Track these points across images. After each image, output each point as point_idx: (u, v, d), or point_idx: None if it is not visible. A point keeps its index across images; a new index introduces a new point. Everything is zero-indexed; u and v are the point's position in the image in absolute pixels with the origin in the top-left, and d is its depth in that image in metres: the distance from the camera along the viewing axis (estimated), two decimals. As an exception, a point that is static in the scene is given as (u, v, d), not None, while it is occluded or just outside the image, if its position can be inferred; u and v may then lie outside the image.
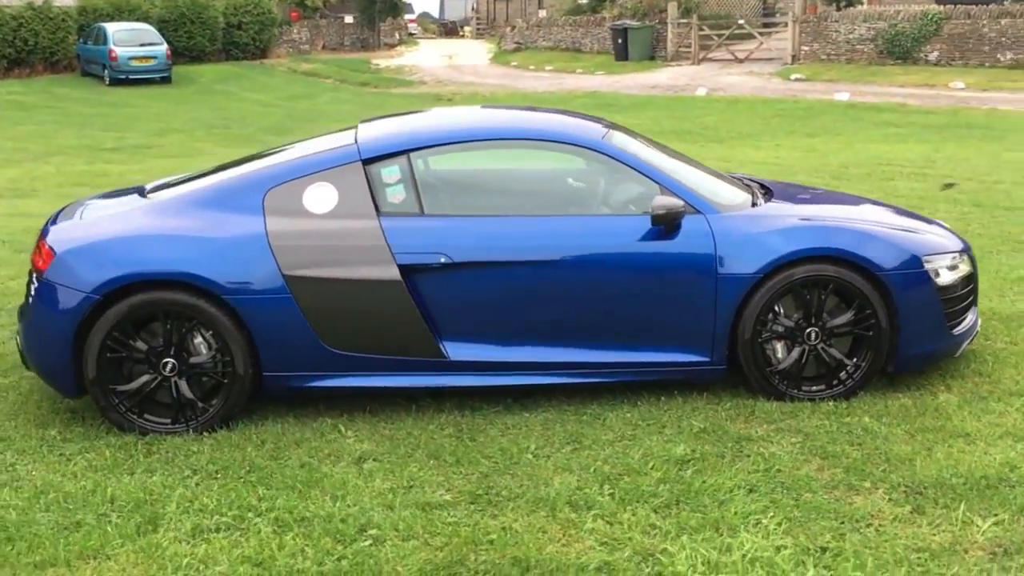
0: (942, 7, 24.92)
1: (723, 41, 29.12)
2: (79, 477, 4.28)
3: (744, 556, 3.51)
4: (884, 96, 21.10)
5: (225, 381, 4.70)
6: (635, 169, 4.94)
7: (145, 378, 4.70)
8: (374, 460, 4.39)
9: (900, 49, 25.10)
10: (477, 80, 30.02)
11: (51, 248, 4.73)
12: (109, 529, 3.82)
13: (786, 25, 28.08)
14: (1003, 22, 23.56)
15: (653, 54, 30.73)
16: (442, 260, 4.71)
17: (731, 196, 5.10)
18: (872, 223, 5.07)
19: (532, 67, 32.86)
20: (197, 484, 4.20)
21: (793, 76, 25.35)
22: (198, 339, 4.72)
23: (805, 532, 3.69)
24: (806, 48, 27.21)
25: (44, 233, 4.94)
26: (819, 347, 4.84)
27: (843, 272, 4.77)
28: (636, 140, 5.29)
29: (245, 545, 3.69)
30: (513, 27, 38.45)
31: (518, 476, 4.20)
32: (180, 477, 4.26)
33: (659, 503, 3.91)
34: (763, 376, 4.83)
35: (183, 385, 4.70)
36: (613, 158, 4.96)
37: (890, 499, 3.92)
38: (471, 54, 38.95)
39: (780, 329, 4.84)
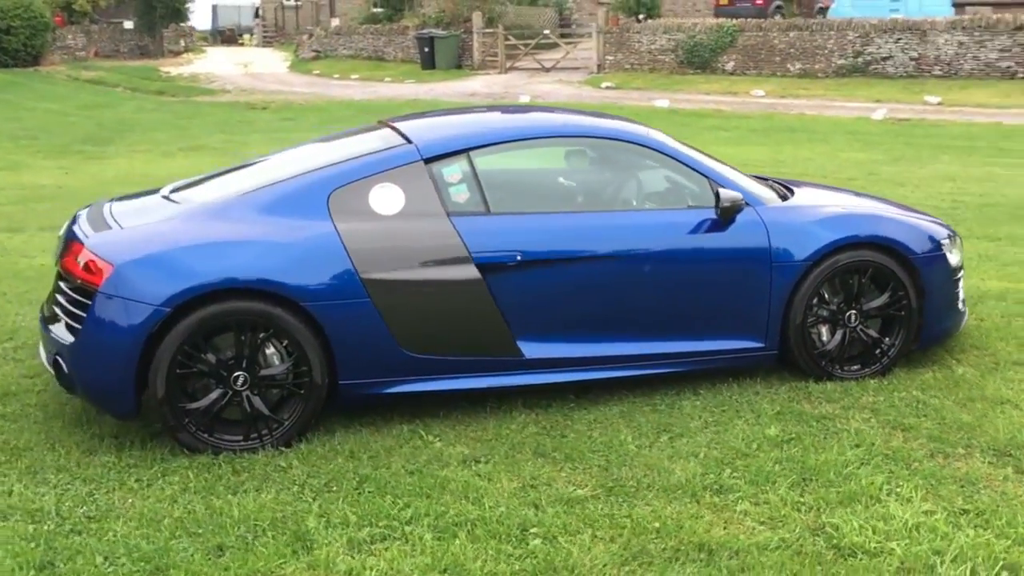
0: (735, 20, 26.56)
1: (529, 51, 29.81)
2: (180, 501, 4.00)
3: (905, 523, 3.74)
4: (698, 103, 22.28)
5: (301, 392, 4.51)
6: (686, 164, 5.11)
7: (216, 394, 4.44)
8: (481, 462, 4.34)
9: (699, 59, 26.55)
10: (284, 88, 29.35)
11: (105, 260, 4.38)
12: (263, 549, 3.62)
13: (591, 36, 29.08)
14: (791, 34, 25.39)
15: (460, 63, 31.07)
16: (518, 258, 4.70)
17: (763, 190, 5.35)
18: (894, 212, 5.46)
19: (337, 76, 32.44)
20: (314, 498, 4.02)
21: (603, 84, 26.30)
22: (270, 350, 4.50)
23: (939, 497, 3.96)
24: (611, 58, 28.29)
25: (79, 244, 4.56)
26: (858, 329, 5.17)
27: (880, 257, 5.12)
28: (670, 137, 5.46)
29: (418, 554, 3.58)
30: (310, 35, 37.80)
31: (636, 467, 4.26)
32: (293, 493, 4.06)
33: (791, 481, 4.08)
34: (812, 359, 5.11)
35: (256, 399, 4.47)
36: (665, 154, 5.11)
37: (988, 463, 4.26)
38: (266, 62, 37.98)
39: (825, 313, 5.13)
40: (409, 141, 4.93)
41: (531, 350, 4.78)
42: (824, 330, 5.16)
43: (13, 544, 3.66)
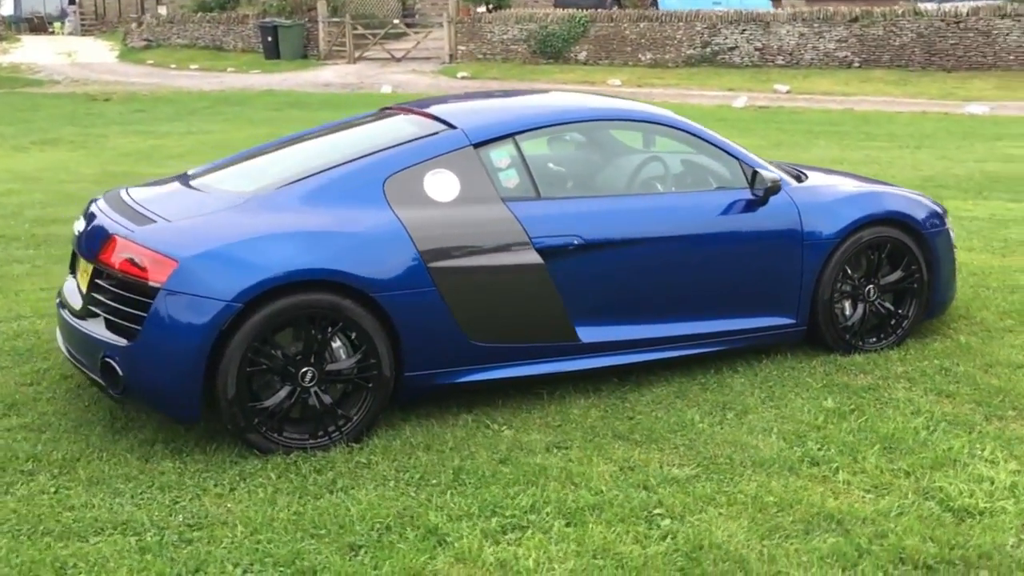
0: (586, 11, 27.03)
1: (378, 40, 29.45)
2: (279, 504, 3.79)
3: (1003, 483, 3.93)
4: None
5: (369, 385, 4.34)
6: (717, 146, 5.19)
7: (285, 391, 4.22)
8: (566, 448, 4.30)
9: (552, 49, 26.89)
10: (121, 79, 27.94)
11: (167, 255, 4.09)
12: (400, 546, 3.49)
13: (441, 26, 28.97)
14: (642, 25, 26.06)
15: (305, 53, 30.38)
16: (575, 242, 4.67)
17: (784, 172, 5.49)
18: (899, 190, 5.70)
19: (174, 65, 31.12)
20: (416, 491, 3.89)
21: (459, 74, 26.27)
22: (336, 343, 4.32)
23: (1018, 457, 4.18)
24: (463, 48, 28.28)
25: (122, 238, 4.24)
26: (876, 302, 5.39)
27: (896, 232, 5.36)
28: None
29: (560, 541, 3.52)
30: (139, 23, 36.09)
31: (720, 445, 4.31)
32: (396, 489, 3.92)
33: (876, 450, 4.22)
34: (838, 333, 5.30)
35: (324, 395, 4.28)
36: (699, 137, 5.18)
37: (1044, 422, 4.53)
38: (91, 52, 35.99)
39: (847, 289, 5.32)
40: (451, 126, 4.81)
41: (587, 334, 4.76)
42: (847, 305, 5.35)
43: (127, 558, 3.41)
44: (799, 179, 5.52)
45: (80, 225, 4.70)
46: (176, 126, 17.69)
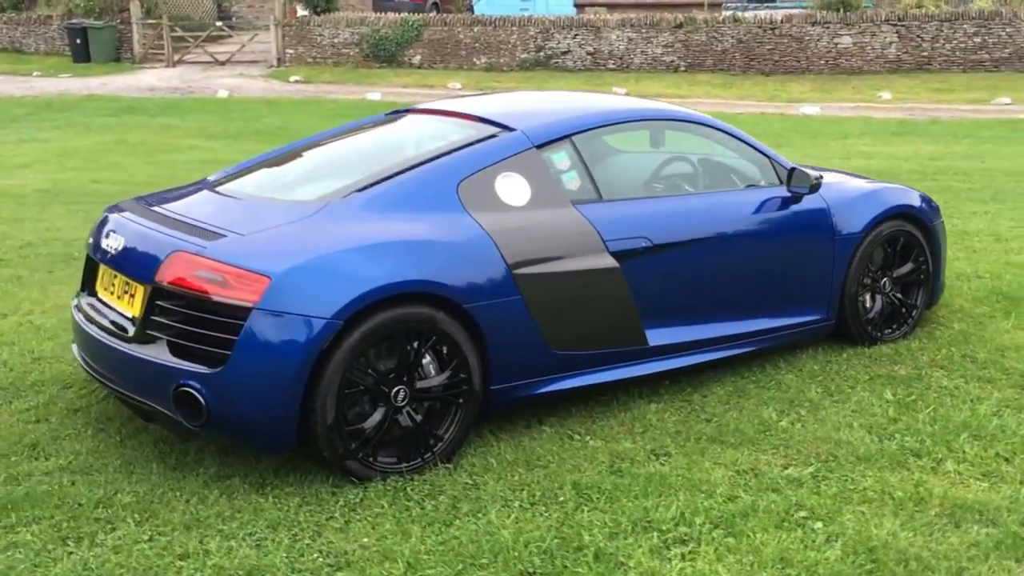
0: (418, 15, 26.82)
1: (199, 43, 28.20)
2: (415, 534, 3.52)
3: (1097, 463, 4.11)
4: (407, 96, 22.24)
5: (460, 401, 4.09)
6: (751, 146, 5.20)
7: (380, 413, 3.92)
8: (669, 455, 4.19)
9: (385, 53, 26.51)
10: (-89, 84, 25.58)
11: (257, 271, 3.71)
12: (577, 569, 3.29)
13: (267, 28, 28.04)
14: (476, 29, 26.08)
15: (118, 55, 28.69)
16: (644, 244, 4.57)
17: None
18: (904, 187, 5.88)
19: (-32, 69, 28.77)
20: (548, 511, 3.68)
21: (292, 78, 25.49)
22: (426, 358, 4.05)
23: (1090, 437, 4.38)
24: (291, 51, 27.45)
25: (189, 254, 3.82)
26: (891, 294, 5.55)
27: (908, 226, 5.53)
28: None
29: (739, 552, 3.41)
30: (-78, 24, 33.11)
31: (812, 441, 4.30)
32: (526, 510, 3.70)
33: (963, 439, 4.29)
34: (861, 326, 5.41)
35: (415, 414, 4.00)
36: (735, 137, 5.17)
37: (1095, 402, 4.75)
38: None
39: (868, 282, 5.45)
40: (507, 128, 4.60)
41: (654, 337, 4.66)
42: (867, 297, 5.48)
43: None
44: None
45: (111, 242, 4.22)
46: (4, 134, 16.34)
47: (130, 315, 4.07)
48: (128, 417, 4.52)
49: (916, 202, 5.60)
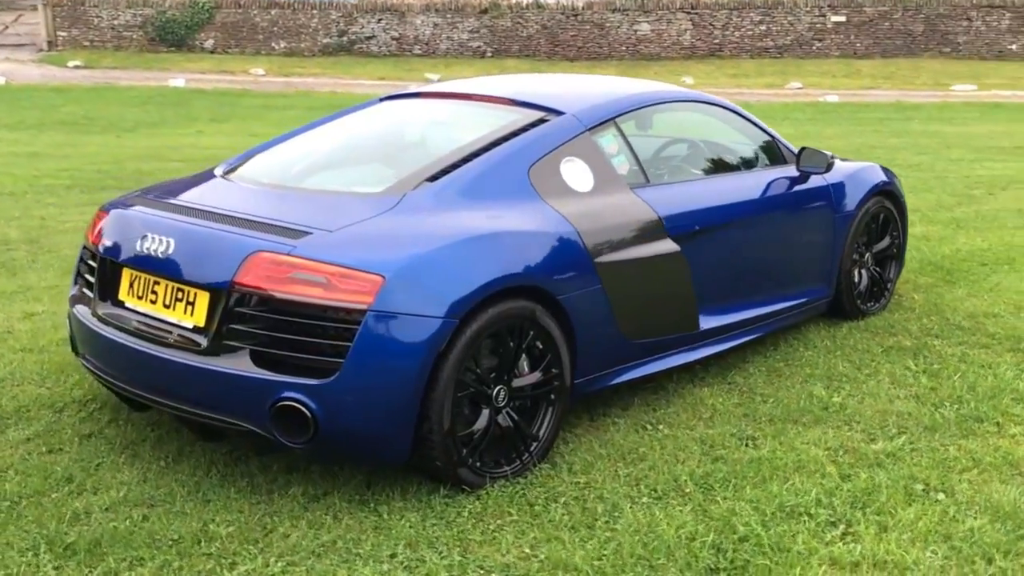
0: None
1: (-41, 24, 25.72)
2: (573, 541, 3.29)
3: None
4: (212, 83, 21.19)
5: (552, 397, 3.88)
6: (758, 127, 5.22)
7: (486, 415, 3.67)
8: (751, 438, 4.13)
9: (174, 36, 25.16)
10: None
11: (369, 271, 3.36)
12: (764, 562, 3.17)
13: (35, 8, 25.92)
14: (273, 12, 25.17)
15: None
16: (696, 227, 4.50)
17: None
18: (874, 164, 6.07)
19: None
20: (683, 504, 3.55)
21: (71, 63, 23.71)
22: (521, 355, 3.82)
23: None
24: (63, 34, 25.51)
25: (276, 254, 3.42)
26: (872, 268, 5.74)
27: (888, 203, 5.74)
28: None
29: (899, 534, 3.39)
30: None
31: (875, 415, 4.34)
32: (655, 504, 3.55)
33: (1007, 403, 4.45)
34: (853, 300, 5.57)
35: (513, 414, 3.77)
36: (744, 118, 5.17)
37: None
38: None
39: (856, 257, 5.61)
40: (555, 111, 4.38)
41: (705, 321, 4.60)
42: (855, 272, 5.65)
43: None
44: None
45: (151, 244, 3.70)
46: None
47: (189, 324, 3.60)
48: (157, 439, 4.03)
49: (890, 178, 5.82)
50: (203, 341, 3.52)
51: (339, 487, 3.64)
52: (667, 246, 4.33)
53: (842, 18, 25.43)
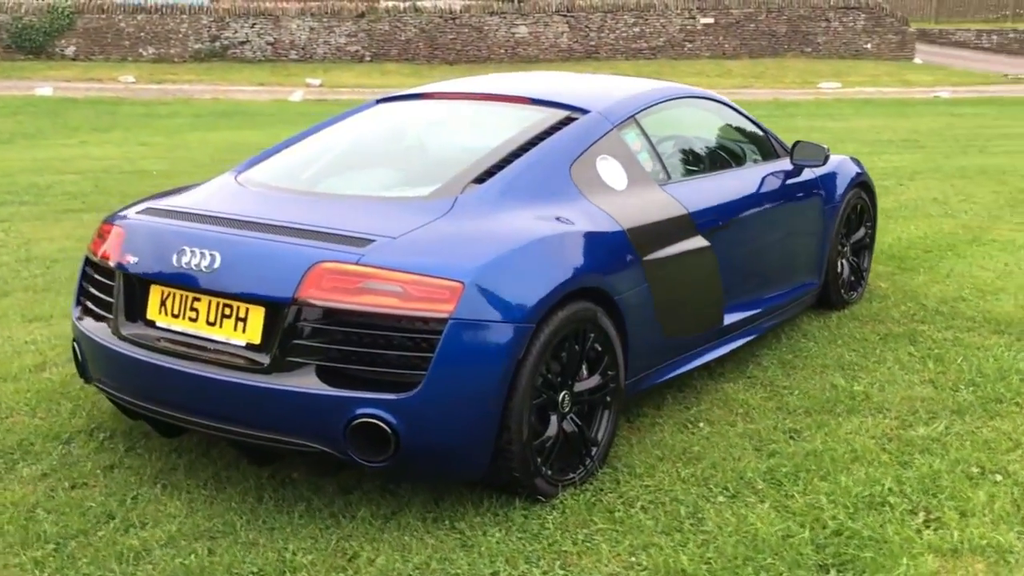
0: (70, 0, 24.42)
1: None
2: (673, 547, 3.20)
3: None
4: (80, 91, 20.22)
5: (608, 399, 3.79)
6: (751, 121, 5.25)
7: (554, 422, 3.54)
8: (796, 429, 4.13)
9: (32, 43, 23.92)
10: None
11: (447, 277, 3.19)
12: (865, 553, 3.15)
13: None
14: (140, 18, 24.21)
15: None
16: (720, 222, 4.48)
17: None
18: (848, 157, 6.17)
19: None
20: (761, 504, 3.51)
21: (-77, 73, 22.25)
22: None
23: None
24: (-88, 42, 23.96)
25: (355, 265, 3.23)
26: (851, 258, 5.85)
27: (864, 194, 5.86)
28: None
29: (975, 517, 3.43)
30: None
31: (906, 401, 4.39)
32: (744, 503, 3.50)
33: (1017, 383, 4.59)
34: (838, 289, 5.66)
35: (576, 419, 3.66)
36: (740, 113, 5.19)
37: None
38: None
39: (839, 247, 5.71)
40: (579, 109, 4.26)
41: (727, 317, 4.58)
42: (839, 262, 5.74)
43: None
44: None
45: (189, 258, 3.43)
46: None
47: (240, 342, 3.35)
48: (188, 466, 3.76)
49: (862, 169, 5.94)
50: (263, 359, 3.29)
51: (406, 506, 3.46)
52: (698, 242, 4.29)
53: (711, 20, 26.12)
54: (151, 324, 3.58)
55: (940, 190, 9.77)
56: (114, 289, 3.70)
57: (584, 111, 4.26)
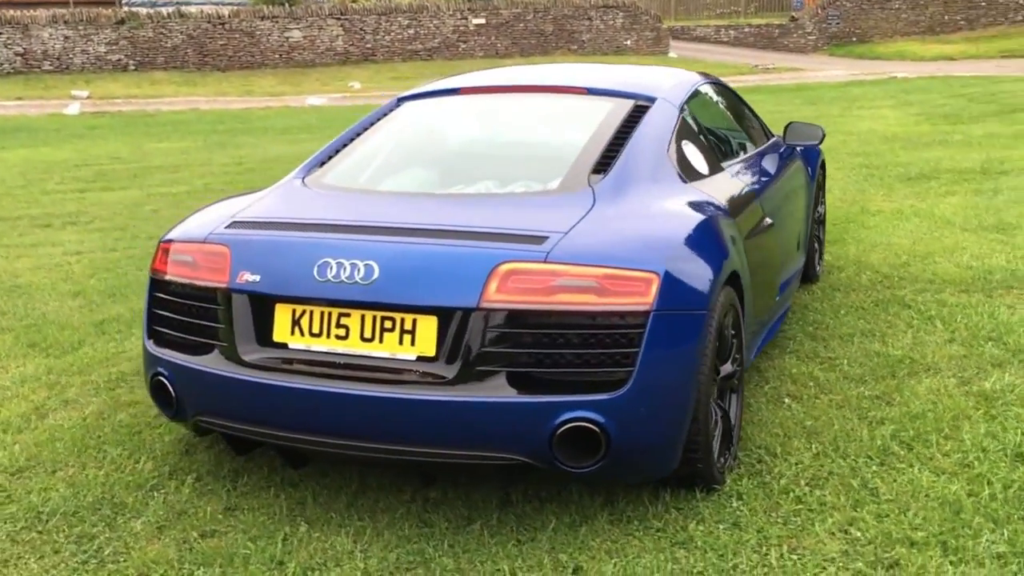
0: None
1: None
2: (881, 521, 3.19)
3: None
4: None
5: (736, 383, 3.72)
6: (746, 106, 5.32)
7: (716, 409, 3.45)
8: (882, 422, 4.13)
9: None
10: None
11: (643, 269, 3.02)
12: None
13: None
14: None
15: None
16: (768, 203, 4.50)
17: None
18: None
19: None
20: (912, 472, 3.57)
21: None
22: (716, 343, 3.63)
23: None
24: None
25: (544, 263, 3.00)
26: (815, 232, 6.07)
27: (821, 171, 6.09)
28: None
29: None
30: None
31: (952, 356, 4.60)
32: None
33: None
34: (814, 263, 5.86)
35: (723, 405, 3.58)
36: (740, 100, 5.24)
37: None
38: None
39: (814, 223, 5.90)
40: (645, 96, 4.14)
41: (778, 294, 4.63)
42: (813, 236, 5.92)
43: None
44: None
45: (341, 272, 3.07)
46: None
47: (409, 356, 3.04)
48: (315, 495, 3.37)
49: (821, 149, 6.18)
50: (445, 372, 2.99)
51: (597, 512, 3.25)
52: (767, 221, 4.31)
53: (482, 20, 26.45)
54: (281, 346, 3.17)
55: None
56: (221, 313, 3.26)
57: (651, 99, 4.15)
